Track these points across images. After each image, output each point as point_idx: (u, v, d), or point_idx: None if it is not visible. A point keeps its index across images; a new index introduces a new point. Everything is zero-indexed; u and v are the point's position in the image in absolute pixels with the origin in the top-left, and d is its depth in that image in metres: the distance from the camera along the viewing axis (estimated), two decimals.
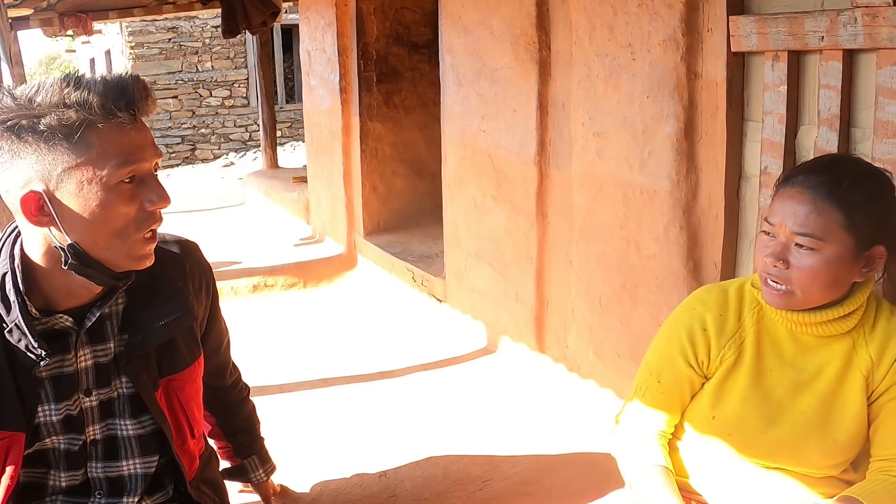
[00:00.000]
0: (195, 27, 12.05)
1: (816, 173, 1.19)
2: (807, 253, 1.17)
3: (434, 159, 4.16)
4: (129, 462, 1.30)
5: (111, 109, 1.08)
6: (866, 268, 1.20)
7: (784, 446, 1.26)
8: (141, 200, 1.14)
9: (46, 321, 1.18)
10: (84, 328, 1.21)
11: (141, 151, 1.12)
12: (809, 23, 1.69)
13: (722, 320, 1.31)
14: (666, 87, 2.12)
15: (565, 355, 2.74)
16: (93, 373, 1.24)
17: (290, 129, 12.64)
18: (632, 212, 2.32)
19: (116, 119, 1.09)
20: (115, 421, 1.29)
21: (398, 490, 2.11)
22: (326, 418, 2.60)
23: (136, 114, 1.11)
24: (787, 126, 1.81)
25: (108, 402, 1.28)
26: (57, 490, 1.29)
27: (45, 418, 1.22)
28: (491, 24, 2.95)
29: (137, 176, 1.13)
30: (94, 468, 1.29)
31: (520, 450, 2.32)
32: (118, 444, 1.30)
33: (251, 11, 5.46)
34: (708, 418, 1.31)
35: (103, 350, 1.25)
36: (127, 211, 1.12)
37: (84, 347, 1.23)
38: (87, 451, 1.28)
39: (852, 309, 1.22)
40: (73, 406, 1.24)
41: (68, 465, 1.28)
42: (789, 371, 1.26)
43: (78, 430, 1.26)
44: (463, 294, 3.41)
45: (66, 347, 1.21)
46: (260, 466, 1.79)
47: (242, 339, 1.80)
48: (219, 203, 7.17)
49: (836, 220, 1.16)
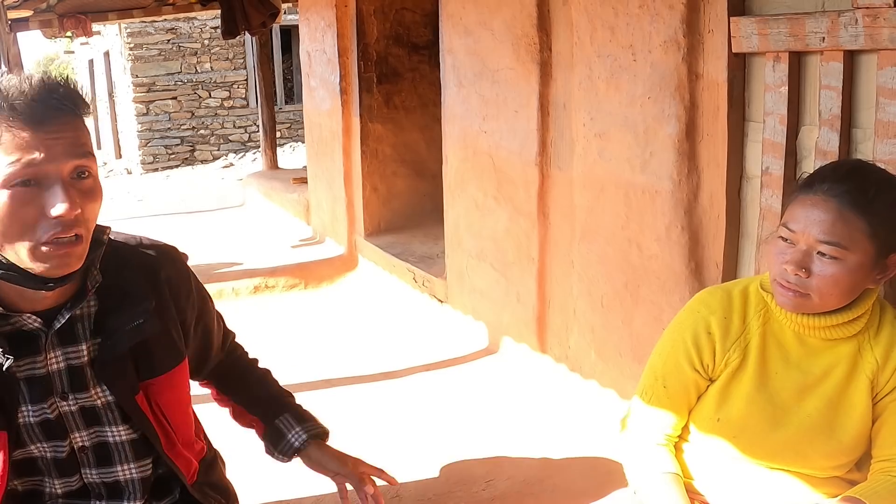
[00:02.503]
0: (194, 28, 12.05)
1: (841, 182, 1.18)
2: (829, 262, 1.16)
3: (435, 160, 4.17)
4: (123, 467, 1.29)
5: (13, 107, 1.03)
6: (880, 275, 1.20)
7: (789, 448, 1.26)
8: (43, 205, 1.07)
9: (14, 321, 1.16)
10: (52, 330, 1.18)
11: (45, 154, 1.06)
12: (810, 24, 1.69)
13: (727, 323, 1.30)
14: (667, 88, 2.12)
15: (567, 356, 2.75)
16: (66, 376, 1.22)
17: (290, 130, 12.63)
18: (633, 212, 2.32)
19: (20, 116, 1.04)
20: (104, 428, 1.27)
21: (401, 490, 2.11)
22: (328, 419, 2.59)
23: (46, 114, 1.05)
24: (788, 127, 1.82)
25: (92, 410, 1.25)
26: (55, 496, 1.28)
27: (24, 419, 1.20)
28: (492, 24, 2.95)
29: (36, 180, 1.07)
30: (88, 474, 1.28)
31: (522, 450, 2.32)
32: (110, 450, 1.28)
33: (250, 12, 5.46)
34: (713, 420, 1.31)
35: (75, 352, 1.22)
36: (23, 215, 1.07)
37: (54, 349, 1.20)
38: (77, 458, 1.26)
39: (860, 313, 1.23)
40: (51, 409, 1.22)
41: (60, 473, 1.26)
42: (795, 373, 1.27)
43: (60, 437, 1.23)
44: (464, 295, 3.41)
45: (36, 349, 1.19)
46: (297, 424, 1.50)
47: (244, 340, 1.81)
48: (219, 204, 7.18)
49: (861, 229, 1.15)
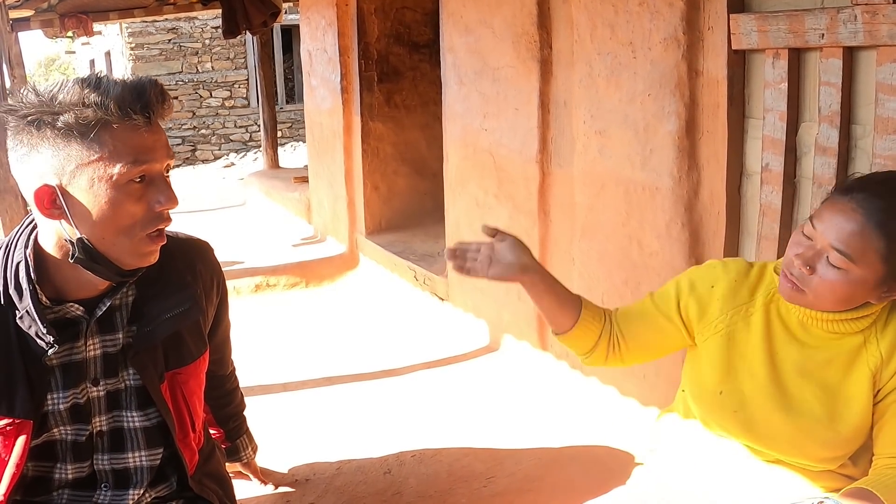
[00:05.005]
0: (195, 28, 12.06)
1: (878, 197, 1.16)
2: (834, 269, 1.17)
3: (435, 158, 4.17)
4: (134, 454, 1.33)
5: (127, 111, 1.12)
6: (887, 293, 1.20)
7: (787, 433, 1.26)
8: (149, 201, 1.17)
9: (58, 309, 1.22)
10: (94, 317, 1.24)
11: (152, 153, 1.15)
12: (810, 20, 1.70)
13: (736, 287, 1.33)
14: (667, 85, 2.13)
15: (568, 353, 2.75)
16: (101, 362, 1.28)
17: (291, 129, 12.65)
18: (634, 209, 2.32)
19: (131, 120, 1.12)
20: (121, 413, 1.31)
21: (403, 487, 2.12)
22: (330, 417, 2.61)
23: (151, 116, 1.15)
24: (787, 123, 1.82)
25: (115, 394, 1.30)
26: (63, 483, 1.31)
27: (53, 407, 1.25)
28: (492, 23, 2.96)
29: (147, 176, 1.16)
30: (100, 460, 1.32)
31: (523, 447, 2.33)
32: (124, 435, 1.32)
33: (251, 12, 5.46)
34: (715, 393, 1.32)
35: (112, 340, 1.28)
36: (134, 210, 1.16)
37: (94, 336, 1.26)
38: (93, 442, 1.30)
39: (867, 313, 1.23)
40: (81, 395, 1.27)
41: (75, 457, 1.30)
42: (797, 356, 1.27)
43: (84, 421, 1.29)
44: (465, 292, 3.42)
45: (76, 336, 1.24)
46: (248, 445, 1.95)
47: (246, 338, 1.82)
48: (220, 203, 7.18)
49: (877, 248, 1.15)
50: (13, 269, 1.20)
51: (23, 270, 1.19)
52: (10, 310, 1.19)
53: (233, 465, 1.94)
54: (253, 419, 1.98)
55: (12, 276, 1.19)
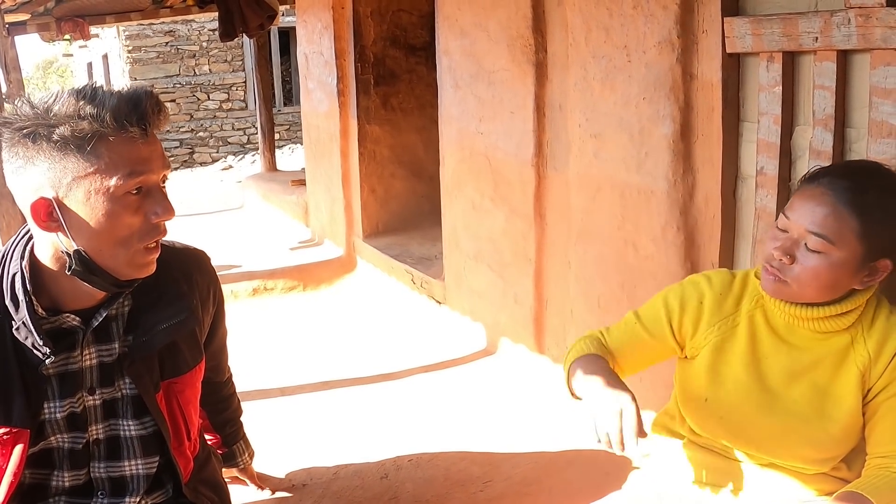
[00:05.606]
0: (192, 31, 12.06)
1: (843, 178, 1.19)
2: (814, 253, 1.18)
3: (432, 161, 4.17)
4: (131, 462, 1.34)
5: (123, 123, 1.11)
6: (868, 277, 1.21)
7: (775, 435, 1.26)
8: (146, 212, 1.17)
9: (54, 320, 1.22)
10: (91, 328, 1.25)
11: (149, 164, 1.15)
12: (803, 24, 1.70)
13: (721, 299, 1.34)
14: (662, 89, 2.13)
15: (564, 357, 2.75)
16: (97, 371, 1.28)
17: (288, 131, 12.66)
18: (629, 213, 2.33)
19: (127, 132, 1.12)
20: (117, 421, 1.32)
21: (399, 492, 2.12)
22: (327, 421, 2.61)
23: (147, 128, 1.14)
24: (782, 126, 1.82)
25: (112, 402, 1.31)
26: (60, 490, 1.32)
27: (49, 415, 1.25)
28: (487, 26, 2.96)
29: (144, 188, 1.16)
30: (96, 468, 1.32)
31: (520, 450, 2.33)
32: (121, 444, 1.33)
33: (248, 14, 5.47)
34: (701, 400, 1.33)
35: (108, 350, 1.28)
36: (132, 221, 1.16)
37: (90, 346, 1.26)
38: (90, 450, 1.31)
39: (851, 308, 1.23)
40: (77, 404, 1.28)
41: (71, 465, 1.30)
42: (784, 359, 1.28)
43: (81, 429, 1.29)
44: (462, 296, 3.42)
45: (72, 345, 1.25)
46: (245, 451, 1.93)
47: (243, 342, 1.81)
48: (217, 206, 7.18)
49: (852, 227, 1.16)
50: (9, 281, 1.20)
51: (19, 282, 1.19)
52: (6, 321, 1.19)
53: (229, 470, 1.94)
54: (250, 424, 1.98)
55: (8, 287, 1.20)
